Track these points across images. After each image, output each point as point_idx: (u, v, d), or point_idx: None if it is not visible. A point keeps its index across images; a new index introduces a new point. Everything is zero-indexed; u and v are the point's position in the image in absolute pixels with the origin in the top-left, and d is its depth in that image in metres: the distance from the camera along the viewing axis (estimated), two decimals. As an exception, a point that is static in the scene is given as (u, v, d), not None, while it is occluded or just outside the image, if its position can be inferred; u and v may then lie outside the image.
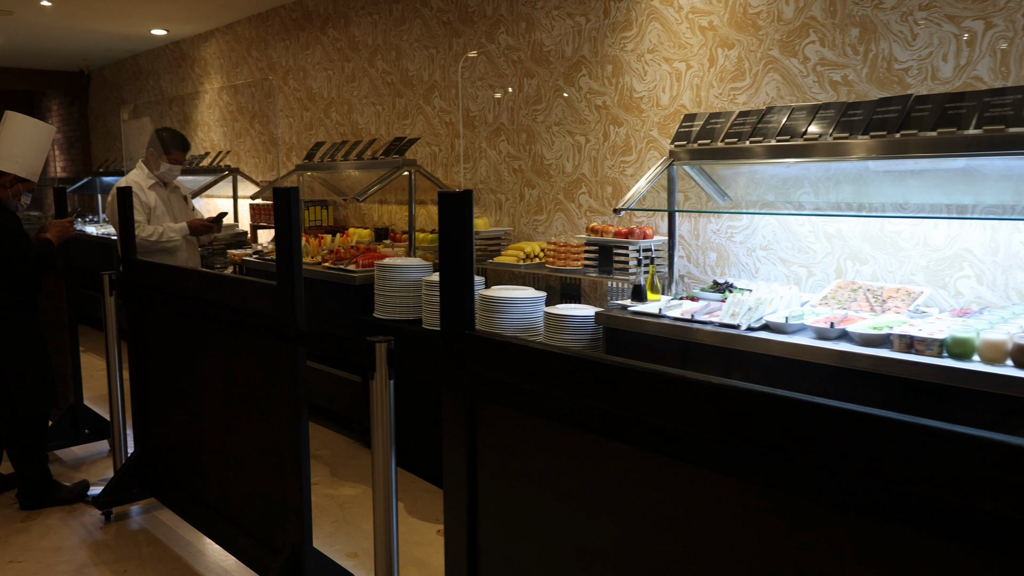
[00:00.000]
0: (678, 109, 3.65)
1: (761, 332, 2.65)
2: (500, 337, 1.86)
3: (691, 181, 3.47)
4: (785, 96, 3.28)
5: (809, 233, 3.26)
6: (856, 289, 2.99)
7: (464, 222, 1.89)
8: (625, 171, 3.90)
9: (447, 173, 4.85)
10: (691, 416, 1.42)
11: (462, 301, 1.92)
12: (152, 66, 8.25)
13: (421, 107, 5.01)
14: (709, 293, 3.19)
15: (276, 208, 2.50)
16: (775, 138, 2.89)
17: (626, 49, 3.83)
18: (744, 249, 3.48)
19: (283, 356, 2.52)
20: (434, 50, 4.88)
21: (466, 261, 1.91)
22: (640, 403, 1.51)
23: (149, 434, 3.47)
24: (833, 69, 3.14)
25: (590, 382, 1.63)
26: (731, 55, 3.44)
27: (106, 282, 3.59)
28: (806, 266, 3.28)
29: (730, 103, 3.45)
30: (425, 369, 2.08)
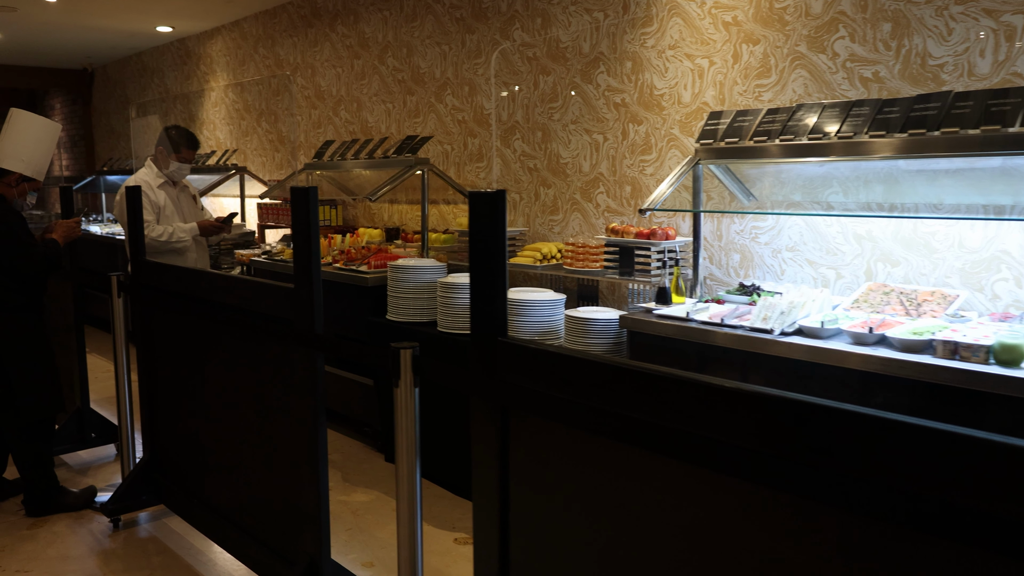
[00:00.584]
0: (700, 107, 3.56)
1: (794, 337, 2.56)
2: (535, 345, 1.77)
3: (715, 180, 3.38)
4: (813, 93, 3.19)
5: (838, 234, 3.17)
6: (889, 292, 2.90)
7: (496, 224, 1.80)
8: (645, 170, 3.81)
9: (460, 172, 4.76)
10: (739, 429, 1.33)
11: (494, 307, 1.83)
12: (157, 64, 8.16)
13: (433, 105, 4.92)
14: (735, 296, 3.10)
15: (294, 208, 2.41)
16: (807, 136, 2.80)
17: (646, 45, 3.74)
18: (769, 250, 3.39)
19: (300, 361, 2.44)
20: (446, 47, 4.79)
21: (498, 265, 1.82)
22: (685, 414, 1.43)
23: (158, 439, 3.39)
24: (864, 65, 3.05)
25: (631, 392, 1.54)
26: (756, 51, 3.35)
27: (114, 283, 3.50)
28: (834, 268, 3.19)
29: (755, 101, 3.36)
30: (453, 377, 1.99)
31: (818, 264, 3.24)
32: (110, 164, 8.45)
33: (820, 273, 3.23)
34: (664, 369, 1.49)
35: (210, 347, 2.96)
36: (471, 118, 4.67)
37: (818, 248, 3.23)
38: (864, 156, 2.72)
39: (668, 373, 1.46)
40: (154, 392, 3.38)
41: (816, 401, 1.17)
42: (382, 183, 4.33)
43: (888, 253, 3.04)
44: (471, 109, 4.66)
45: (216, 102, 7.18)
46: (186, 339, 3.12)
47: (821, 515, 1.25)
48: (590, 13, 3.98)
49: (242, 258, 5.20)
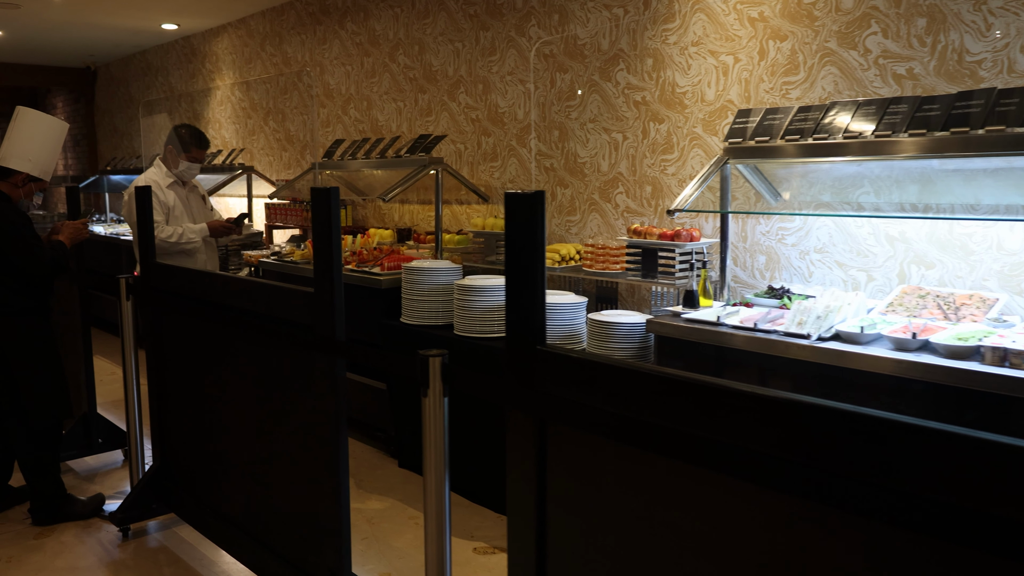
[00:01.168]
0: (725, 105, 3.47)
1: (832, 343, 2.47)
2: (578, 354, 1.68)
3: (741, 180, 3.29)
4: (843, 91, 3.10)
5: (869, 235, 3.08)
6: (924, 295, 2.81)
7: (535, 226, 1.71)
8: (666, 170, 3.72)
9: (473, 172, 4.67)
10: (816, 449, 1.25)
11: (532, 314, 1.74)
12: (161, 62, 8.07)
13: (445, 103, 4.83)
14: (764, 299, 3.01)
15: (314, 209, 2.32)
16: (842, 135, 2.71)
17: (668, 42, 3.65)
18: (796, 252, 3.30)
19: (320, 369, 2.35)
20: (459, 44, 4.70)
21: (537, 269, 1.73)
22: (749, 431, 1.34)
23: (169, 446, 3.30)
24: (897, 62, 2.96)
25: (687, 406, 1.45)
26: (783, 47, 3.26)
27: (123, 286, 3.41)
28: (865, 270, 3.10)
29: (782, 99, 3.27)
30: (486, 386, 1.90)
31: (848, 266, 3.15)
32: (113, 164, 8.36)
33: (850, 275, 3.14)
34: (726, 382, 1.40)
35: (224, 352, 2.87)
36: (485, 117, 4.58)
37: (848, 250, 3.14)
38: (903, 155, 2.63)
39: (732, 387, 1.37)
40: (164, 398, 3.29)
41: (914, 421, 1.08)
42: (395, 183, 4.23)
43: (922, 255, 2.95)
44: (485, 107, 4.57)
45: (222, 101, 7.08)
46: (198, 343, 3.03)
47: (918, 545, 1.16)
48: (609, 9, 3.89)
49: (250, 259, 5.10)
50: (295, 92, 6.15)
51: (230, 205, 6.78)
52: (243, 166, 6.03)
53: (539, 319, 1.75)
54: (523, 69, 4.33)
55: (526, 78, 4.31)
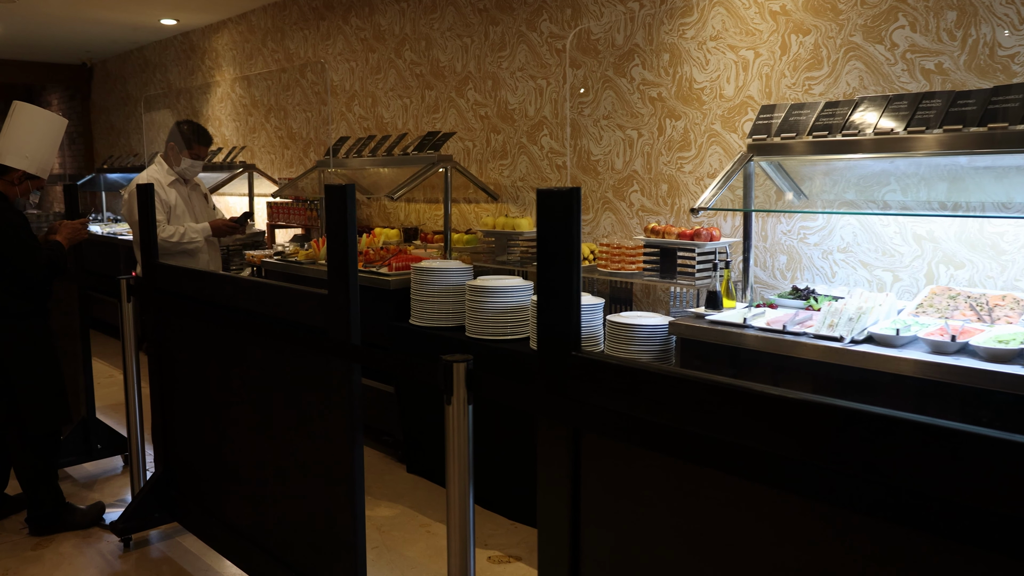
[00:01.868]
0: (744, 101, 3.37)
1: (865, 345, 2.38)
2: (616, 360, 1.59)
3: (762, 178, 3.20)
4: (868, 86, 3.01)
5: (895, 234, 2.99)
6: (955, 296, 2.72)
7: (570, 224, 1.62)
8: (683, 168, 3.62)
9: (482, 170, 4.57)
10: (882, 460, 1.16)
11: (568, 317, 1.64)
12: (159, 58, 7.94)
13: (453, 100, 4.73)
14: (789, 300, 2.92)
15: (329, 207, 2.22)
16: (872, 131, 2.62)
17: (685, 36, 3.56)
18: (819, 251, 3.21)
19: (335, 374, 2.25)
20: (468, 39, 4.60)
21: (572, 270, 1.63)
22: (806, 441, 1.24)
23: (172, 453, 3.19)
24: (926, 56, 2.87)
25: (738, 416, 1.36)
26: (806, 42, 3.17)
27: (123, 287, 3.30)
28: (891, 270, 3.01)
29: (805, 94, 3.18)
30: (514, 394, 1.80)
31: (873, 266, 3.06)
32: (110, 162, 8.23)
33: (875, 276, 3.06)
34: (786, 392, 1.31)
35: (232, 356, 2.77)
36: (494, 113, 4.48)
37: (873, 249, 3.05)
38: (938, 152, 2.54)
39: (793, 397, 1.28)
40: (168, 402, 3.18)
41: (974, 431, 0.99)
42: (403, 181, 4.13)
43: (951, 254, 2.87)
44: (494, 104, 4.47)
45: (222, 98, 6.96)
46: (204, 347, 2.92)
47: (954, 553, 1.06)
48: (624, 3, 3.80)
49: (253, 259, 5.00)
50: (298, 88, 6.04)
51: (230, 204, 6.67)
52: (244, 164, 5.92)
53: (574, 323, 1.65)
54: (534, 64, 4.23)
55: (537, 74, 4.22)
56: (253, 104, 6.57)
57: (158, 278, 3.13)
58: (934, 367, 2.20)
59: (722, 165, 3.47)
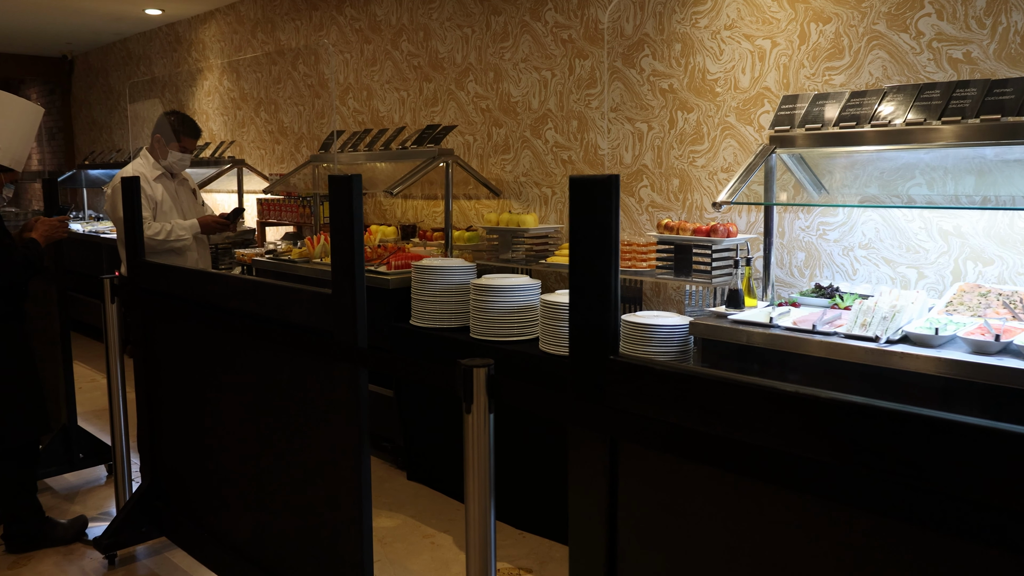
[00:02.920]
0: (761, 92, 3.25)
1: (900, 345, 2.26)
2: (660, 365, 1.44)
3: (782, 171, 3.07)
4: (892, 76, 2.89)
5: (920, 229, 2.87)
6: (986, 293, 2.61)
7: (608, 215, 1.47)
8: (695, 162, 3.49)
9: (483, 164, 4.41)
10: (966, 471, 1.02)
11: (606, 319, 1.50)
12: (143, 51, 7.71)
13: (453, 92, 4.57)
14: (812, 298, 2.80)
15: (333, 200, 2.06)
16: (903, 121, 2.50)
17: (698, 26, 3.42)
18: (839, 248, 3.09)
19: (340, 380, 2.09)
20: (468, 30, 4.44)
21: (609, 267, 1.49)
22: (893, 456, 1.11)
23: (161, 463, 3.01)
24: (953, 45, 2.76)
25: (802, 426, 1.22)
26: (827, 30, 3.05)
27: (107, 287, 3.11)
28: (916, 267, 2.90)
29: (825, 85, 3.06)
30: (545, 402, 1.65)
31: (896, 263, 2.94)
32: (92, 158, 7.98)
33: (899, 273, 2.94)
34: (860, 399, 1.17)
35: (225, 360, 2.60)
36: (496, 106, 4.32)
37: (897, 245, 2.93)
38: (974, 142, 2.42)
39: (873, 404, 1.14)
40: (156, 409, 3.00)
41: None
42: (402, 176, 3.97)
43: (979, 250, 2.75)
44: (496, 97, 4.32)
45: (209, 91, 6.75)
46: (195, 351, 2.75)
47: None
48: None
49: (243, 258, 4.81)
50: (289, 81, 5.85)
51: (218, 201, 6.47)
52: (233, 159, 5.72)
53: (613, 325, 1.51)
54: (538, 55, 4.08)
55: (542, 65, 4.07)
56: (242, 97, 6.37)
57: (144, 277, 2.95)
58: (978, 368, 2.08)
59: (736, 159, 3.35)
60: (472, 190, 4.50)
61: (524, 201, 4.23)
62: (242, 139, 6.36)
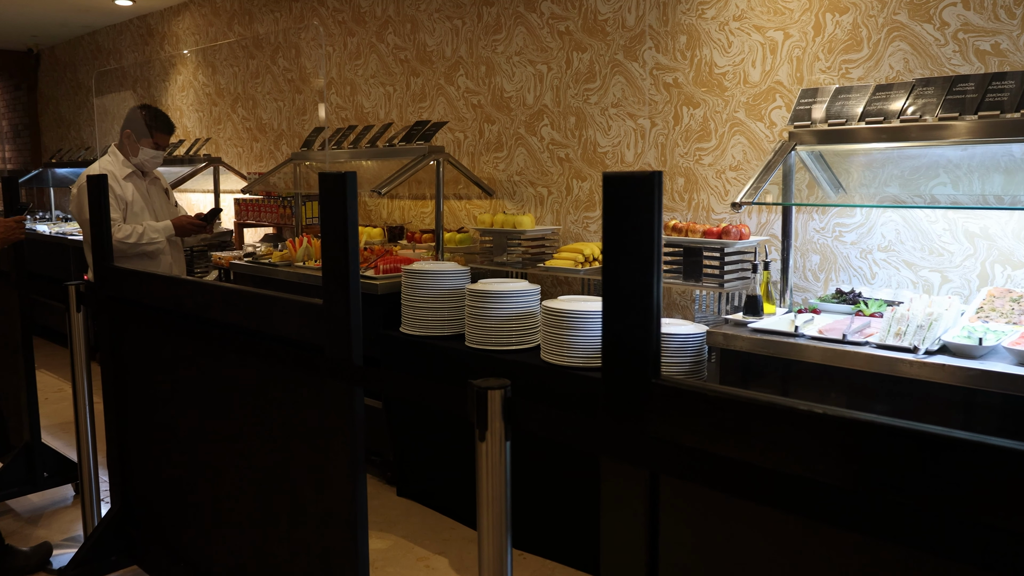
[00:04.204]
0: (772, 87, 3.08)
1: (940, 356, 2.10)
2: (713, 391, 1.26)
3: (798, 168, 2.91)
4: (915, 69, 2.74)
5: (944, 231, 2.73)
6: (1018, 299, 2.46)
7: (651, 217, 1.28)
8: (702, 160, 3.32)
9: (474, 163, 4.21)
10: None
11: (647, 336, 1.31)
12: (113, 44, 7.39)
13: (442, 87, 4.36)
14: (833, 304, 2.64)
15: (325, 200, 1.85)
16: (936, 116, 2.34)
17: (705, 17, 3.25)
18: (857, 250, 2.93)
19: (333, 399, 1.88)
20: (459, 21, 4.23)
21: (653, 277, 1.30)
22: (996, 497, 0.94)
23: (133, 486, 2.77)
24: (980, 36, 2.61)
25: (898, 463, 1.04)
26: (844, 21, 2.89)
27: (72, 295, 2.86)
28: (939, 270, 2.75)
29: (841, 79, 2.90)
30: (573, 429, 1.46)
31: (918, 266, 2.79)
32: (59, 156, 7.64)
33: (921, 277, 2.79)
34: (953, 433, 0.99)
35: (204, 376, 2.37)
36: (488, 102, 4.12)
37: (919, 248, 2.78)
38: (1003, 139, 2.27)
39: (969, 440, 0.96)
40: (126, 429, 2.76)
41: None
42: (391, 175, 3.75)
43: (1008, 253, 2.61)
44: (488, 92, 4.12)
45: (183, 86, 6.47)
46: (170, 365, 2.52)
47: None
48: (634, -20, 3.48)
49: (220, 261, 4.56)
50: (268, 76, 5.59)
51: (192, 201, 6.19)
52: (209, 157, 5.45)
53: (654, 343, 1.32)
54: (533, 48, 3.89)
55: (537, 58, 3.88)
56: (218, 92, 6.09)
57: (113, 284, 2.71)
58: None
59: (746, 157, 3.18)
60: (462, 189, 4.29)
61: (518, 201, 4.04)
62: (218, 136, 6.09)
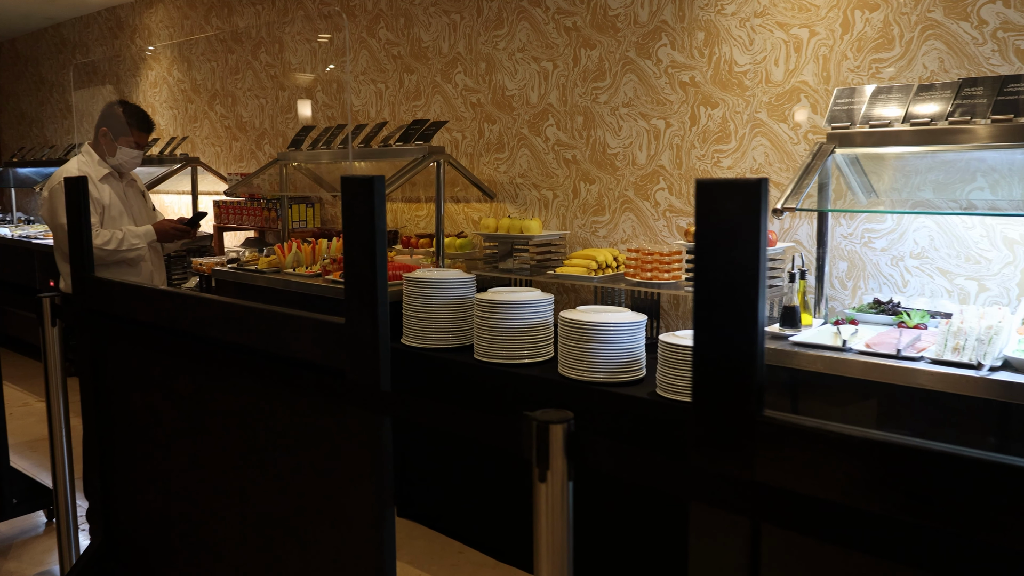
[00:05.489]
0: (796, 86, 2.95)
1: (1003, 373, 1.97)
2: (836, 429, 1.09)
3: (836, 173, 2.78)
4: (950, 69, 2.63)
5: (982, 237, 2.62)
6: (1064, 311, 2.36)
7: (756, 228, 1.11)
8: (720, 162, 3.18)
9: (474, 164, 4.02)
10: None
11: (751, 366, 1.13)
12: (80, 37, 7.02)
13: (439, 85, 4.16)
14: (871, 314, 2.51)
15: (349, 207, 1.64)
16: (988, 118, 2.22)
17: (724, 12, 3.11)
18: (887, 257, 2.81)
19: (357, 429, 1.68)
20: (456, 16, 4.04)
21: (757, 297, 1.13)
22: None
23: (117, 519, 2.52)
24: (1021, 35, 2.50)
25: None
26: (874, 18, 2.77)
27: (46, 308, 2.60)
28: (976, 278, 2.64)
29: (871, 78, 2.78)
30: (654, 470, 1.28)
31: (954, 274, 2.68)
32: (21, 155, 7.25)
33: (956, 285, 2.67)
34: None
35: (202, 402, 2.14)
36: (489, 100, 3.94)
37: (954, 255, 2.67)
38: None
39: None
40: (110, 456, 2.51)
41: None
42: (390, 177, 3.54)
43: (1049, 262, 2.51)
44: (489, 90, 3.93)
45: (156, 81, 6.15)
46: (162, 388, 2.28)
47: None
48: (647, -26, 3.33)
49: (201, 268, 4.30)
50: (249, 71, 5.32)
51: (167, 203, 5.89)
52: (187, 157, 5.17)
53: (758, 374, 1.15)
54: (538, 45, 3.71)
55: (542, 55, 3.70)
56: (194, 89, 5.80)
57: (94, 296, 2.46)
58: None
59: (768, 159, 3.05)
60: (460, 192, 4.10)
61: (521, 205, 3.85)
62: (194, 135, 5.79)
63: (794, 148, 2.97)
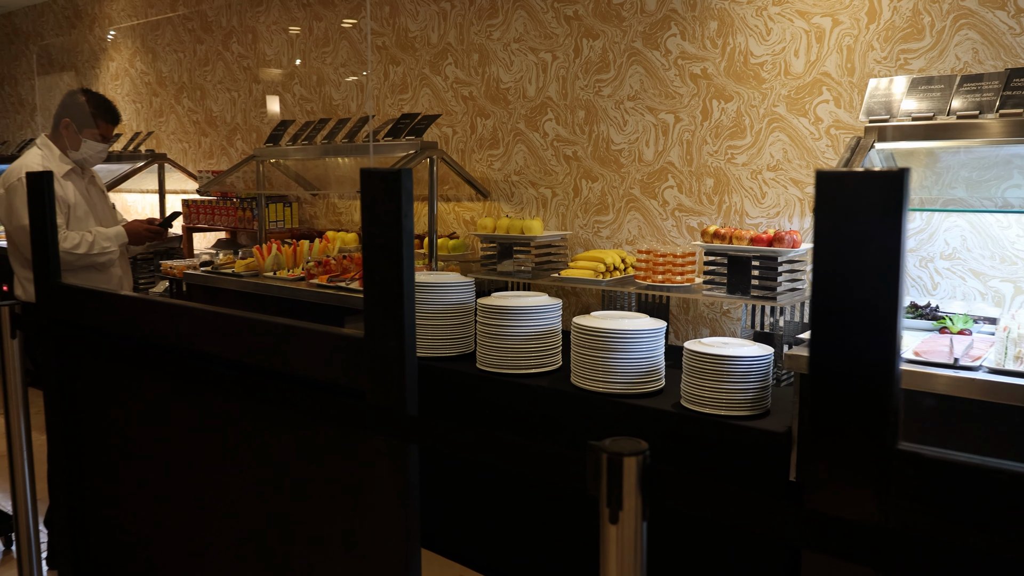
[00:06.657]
0: (818, 79, 2.81)
1: (1068, 385, 1.83)
2: (984, 465, 0.91)
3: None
4: (984, 60, 2.51)
5: (1018, 237, 2.50)
6: (1108, 314, 2.25)
7: (896, 224, 0.93)
8: (735, 159, 3.02)
9: (465, 160, 3.81)
10: None
11: (887, 391, 0.95)
12: (33, 27, 6.60)
13: (427, 77, 3.93)
14: (908, 319, 2.37)
15: (369, 206, 1.43)
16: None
17: (739, 1, 2.95)
18: (915, 258, 2.68)
19: (379, 458, 1.46)
20: (446, 4, 3.82)
21: (895, 311, 0.95)
22: None
23: (88, 550, 2.25)
24: (1057, 24, 2.39)
25: None
26: (902, 7, 2.64)
27: (6, 317, 2.32)
28: (1012, 280, 2.52)
29: (899, 70, 2.65)
30: (756, 512, 1.09)
31: (987, 275, 2.56)
32: (-32, 152, 6.78)
33: (991, 287, 2.56)
34: None
35: (188, 424, 1.89)
36: (482, 93, 3.73)
37: (988, 256, 2.55)
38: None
39: None
40: (80, 482, 2.23)
41: None
42: (381, 173, 3.30)
43: (1086, 263, 2.40)
44: (482, 83, 3.72)
45: (117, 74, 5.79)
46: (141, 408, 2.02)
47: None
48: (655, -40, 3.16)
49: (171, 272, 4.00)
50: (220, 63, 5.02)
51: (129, 202, 5.54)
52: (153, 154, 4.84)
53: (894, 400, 0.97)
54: (535, 35, 3.51)
55: (540, 46, 3.50)
56: (159, 82, 5.46)
57: (62, 305, 2.18)
58: None
59: (787, 156, 2.90)
60: (451, 191, 3.88)
61: (517, 203, 3.65)
62: (160, 130, 5.45)
63: (815, 144, 2.83)
